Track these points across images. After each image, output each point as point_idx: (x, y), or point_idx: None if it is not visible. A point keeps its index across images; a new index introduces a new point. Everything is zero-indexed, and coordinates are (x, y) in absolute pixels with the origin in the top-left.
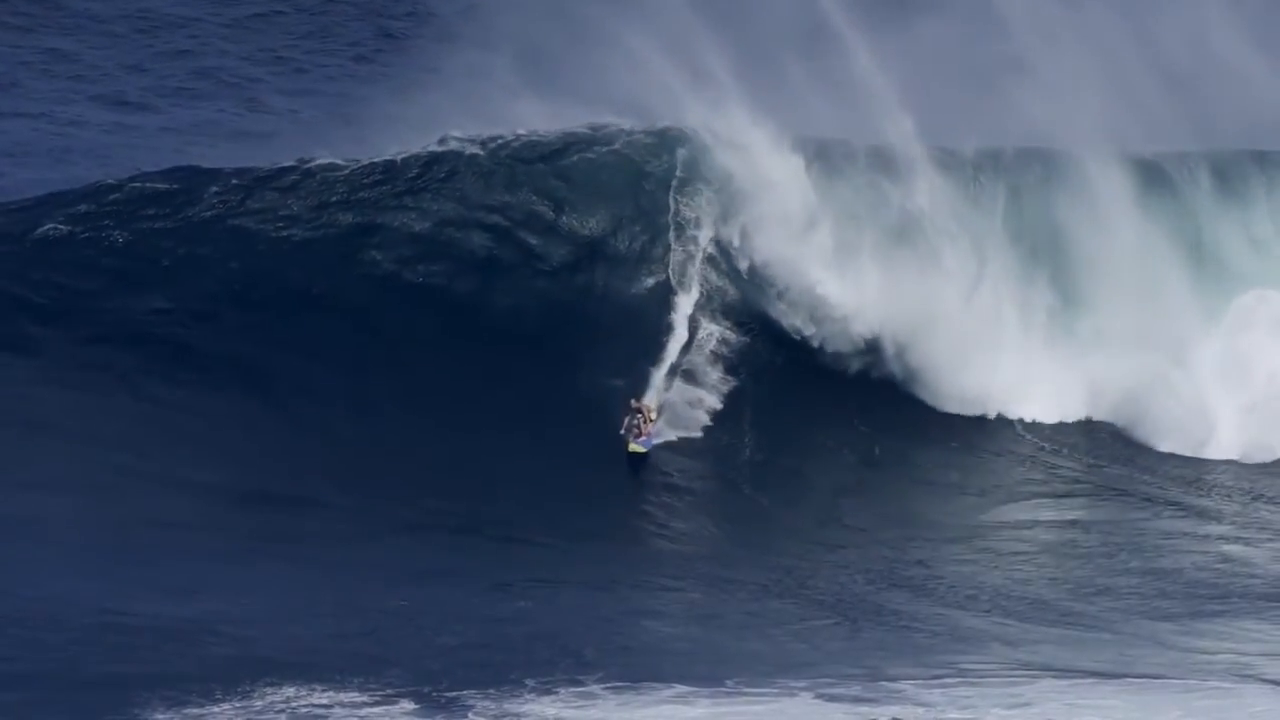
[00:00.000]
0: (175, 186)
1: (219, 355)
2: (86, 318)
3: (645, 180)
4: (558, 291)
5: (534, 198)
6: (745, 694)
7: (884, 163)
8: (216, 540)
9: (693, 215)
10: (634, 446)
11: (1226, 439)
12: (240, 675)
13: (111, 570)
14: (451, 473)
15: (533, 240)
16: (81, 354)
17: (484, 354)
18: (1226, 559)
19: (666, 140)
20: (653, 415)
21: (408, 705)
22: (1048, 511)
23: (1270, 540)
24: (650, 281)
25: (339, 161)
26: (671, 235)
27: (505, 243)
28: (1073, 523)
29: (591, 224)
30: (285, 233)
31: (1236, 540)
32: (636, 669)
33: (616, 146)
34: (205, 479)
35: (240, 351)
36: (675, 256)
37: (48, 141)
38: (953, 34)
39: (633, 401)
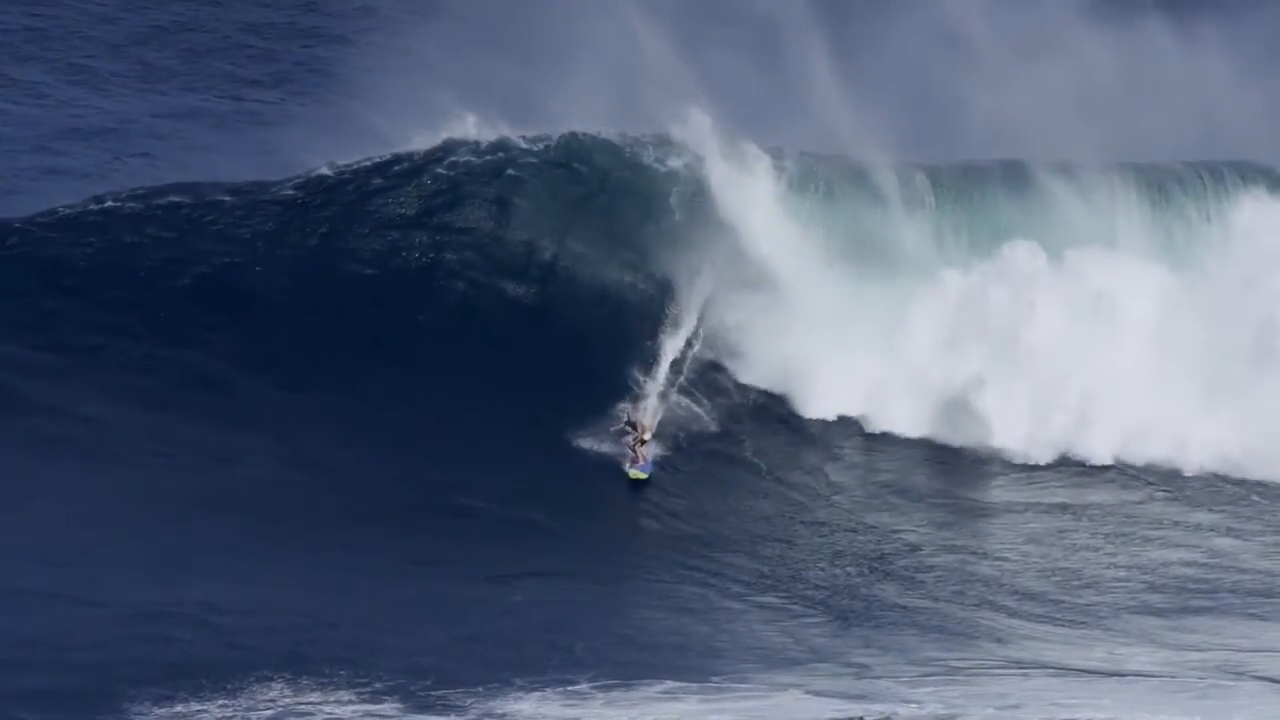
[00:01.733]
0: (181, 194)
1: (228, 340)
2: (102, 302)
3: (647, 187)
4: (557, 291)
5: (540, 201)
6: (734, 690)
7: (865, 201)
8: (210, 527)
9: (693, 229)
10: (635, 473)
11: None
12: (229, 670)
13: (101, 557)
14: (448, 464)
15: (532, 240)
16: (98, 332)
17: (485, 351)
18: (1215, 553)
19: (666, 152)
20: (646, 436)
21: (395, 704)
22: (1037, 493)
23: (1260, 534)
24: (649, 287)
25: (338, 162)
26: (672, 248)
27: (506, 243)
28: (1062, 507)
29: (593, 229)
30: (294, 227)
31: (1227, 533)
32: (627, 665)
33: (619, 152)
34: (199, 464)
35: (245, 337)
36: (674, 267)
37: (39, 127)
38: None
39: (629, 416)
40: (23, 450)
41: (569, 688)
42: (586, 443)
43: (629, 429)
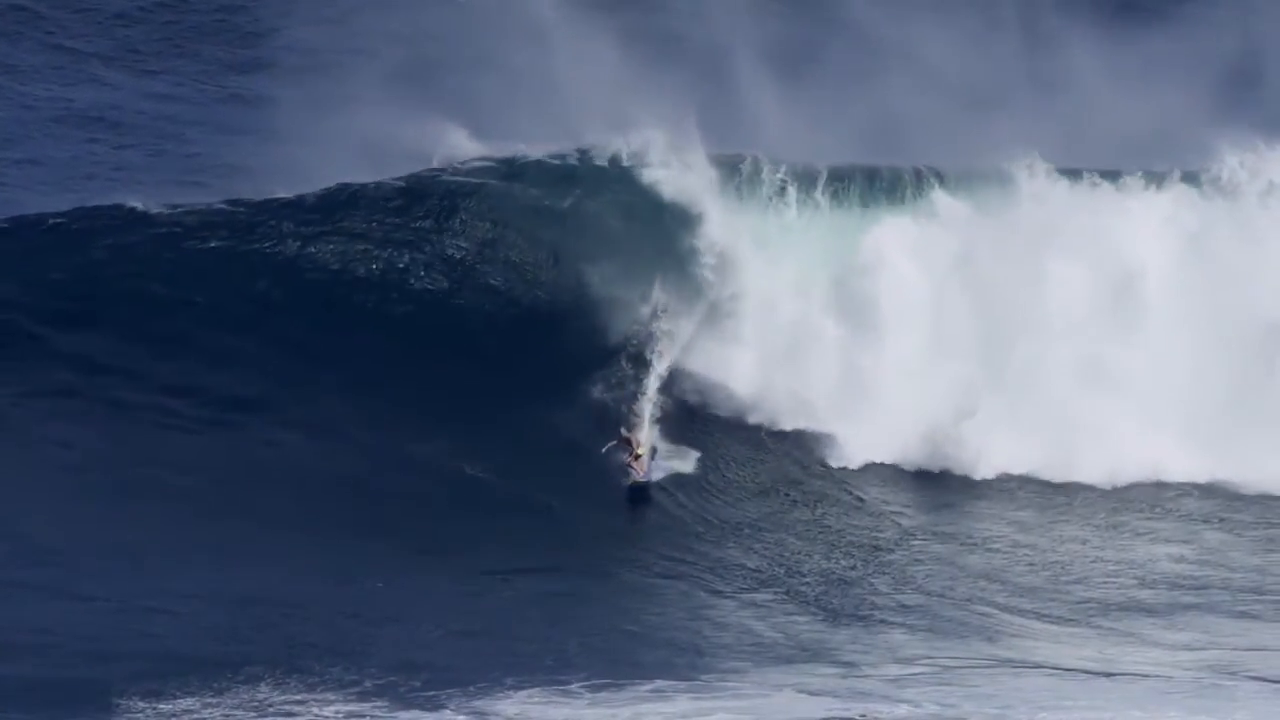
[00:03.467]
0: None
1: (227, 329)
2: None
3: (636, 199)
4: (552, 297)
5: (535, 212)
6: (724, 689)
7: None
8: (200, 517)
9: (678, 241)
10: (635, 480)
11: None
12: (218, 666)
13: (90, 544)
14: (442, 459)
15: (526, 250)
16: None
17: (482, 352)
18: (1206, 548)
19: (655, 165)
20: (640, 450)
21: (383, 702)
22: (1029, 476)
23: (1252, 527)
24: (641, 295)
25: (346, 182)
26: (657, 259)
27: (499, 253)
28: (1053, 489)
29: (587, 241)
30: (307, 238)
31: (1219, 525)
32: (618, 664)
33: (609, 163)
34: (187, 452)
35: (239, 333)
36: (662, 277)
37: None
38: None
39: (622, 430)
40: (25, 410)
41: (559, 687)
42: (581, 440)
43: (625, 445)
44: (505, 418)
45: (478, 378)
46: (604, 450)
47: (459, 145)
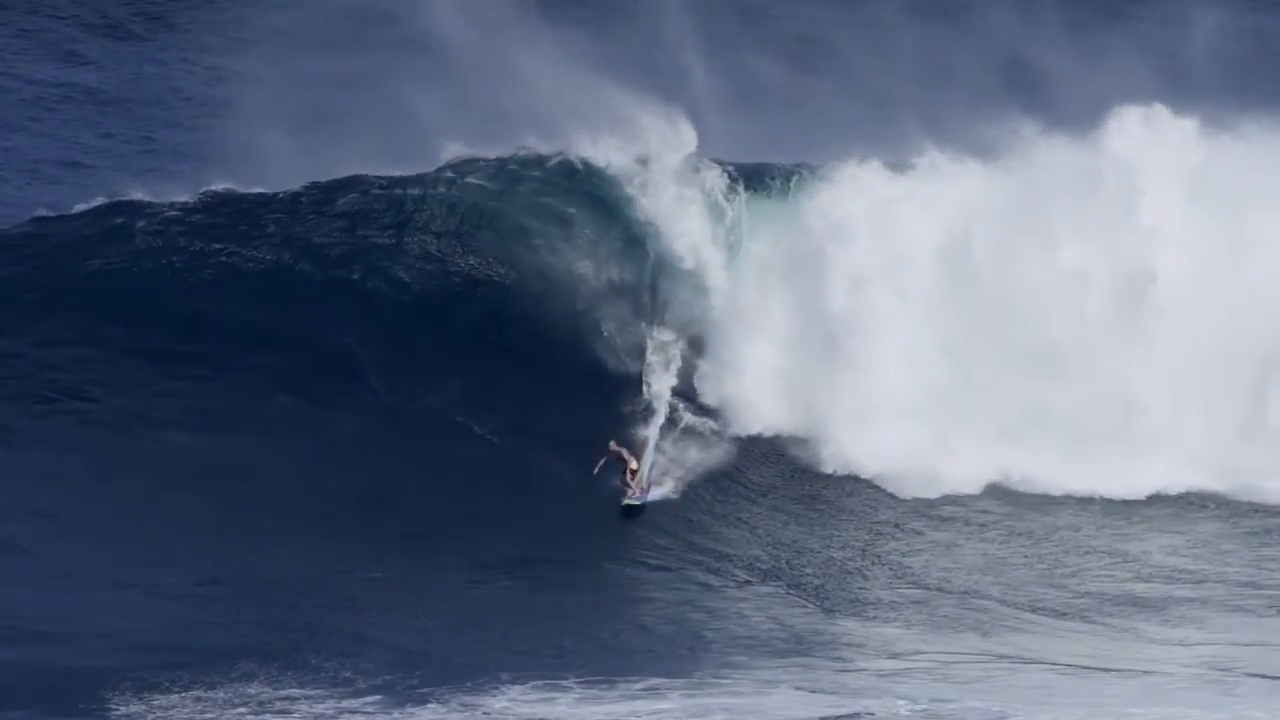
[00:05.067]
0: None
1: (224, 325)
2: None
3: (625, 205)
4: (549, 305)
5: (533, 223)
6: (720, 685)
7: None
8: (192, 511)
9: (679, 248)
10: (628, 501)
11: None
12: (213, 660)
13: (82, 544)
14: (440, 453)
15: (524, 260)
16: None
17: (484, 355)
18: (1202, 543)
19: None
20: (633, 465)
21: (375, 699)
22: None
23: (1249, 516)
24: (636, 304)
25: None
26: (648, 266)
27: (502, 263)
28: (1044, 493)
29: (579, 247)
30: (312, 214)
31: (1215, 519)
32: (612, 661)
33: (610, 174)
34: (181, 446)
35: (236, 333)
36: (662, 287)
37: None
38: None
39: (612, 444)
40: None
41: (554, 682)
42: (581, 434)
43: (617, 459)
44: (501, 420)
45: (477, 387)
46: (595, 470)
47: (451, 148)
